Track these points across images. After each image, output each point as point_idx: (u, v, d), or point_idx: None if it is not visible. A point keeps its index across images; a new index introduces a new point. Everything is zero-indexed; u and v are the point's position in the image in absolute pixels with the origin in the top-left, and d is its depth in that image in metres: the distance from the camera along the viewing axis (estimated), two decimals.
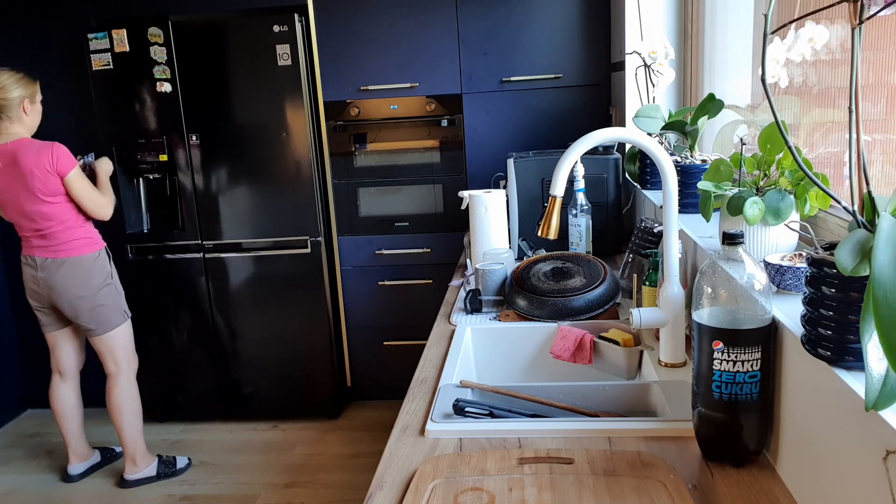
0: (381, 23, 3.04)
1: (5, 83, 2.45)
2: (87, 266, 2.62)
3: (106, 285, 2.68)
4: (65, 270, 2.59)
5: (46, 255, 2.59)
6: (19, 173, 2.48)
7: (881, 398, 0.70)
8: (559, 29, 2.99)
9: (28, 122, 2.54)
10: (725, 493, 0.98)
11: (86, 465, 2.94)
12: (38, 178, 2.48)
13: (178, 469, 2.93)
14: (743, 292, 0.97)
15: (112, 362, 2.75)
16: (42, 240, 2.58)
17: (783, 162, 1.20)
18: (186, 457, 3.02)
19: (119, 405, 2.76)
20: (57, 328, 2.78)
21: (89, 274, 2.63)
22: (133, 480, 2.84)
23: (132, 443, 2.80)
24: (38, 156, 2.47)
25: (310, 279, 3.20)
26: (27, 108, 2.51)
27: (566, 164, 1.38)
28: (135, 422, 2.80)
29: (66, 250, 2.59)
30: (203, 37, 3.01)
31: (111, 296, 2.70)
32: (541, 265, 1.91)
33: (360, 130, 3.17)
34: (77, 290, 2.61)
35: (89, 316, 2.65)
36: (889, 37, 1.17)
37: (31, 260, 2.62)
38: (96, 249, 2.66)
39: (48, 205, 2.53)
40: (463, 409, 1.26)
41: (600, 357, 1.61)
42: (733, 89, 2.13)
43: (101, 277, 2.67)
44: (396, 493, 1.04)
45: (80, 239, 2.61)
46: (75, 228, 2.60)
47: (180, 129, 3.10)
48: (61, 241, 2.58)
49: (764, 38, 0.84)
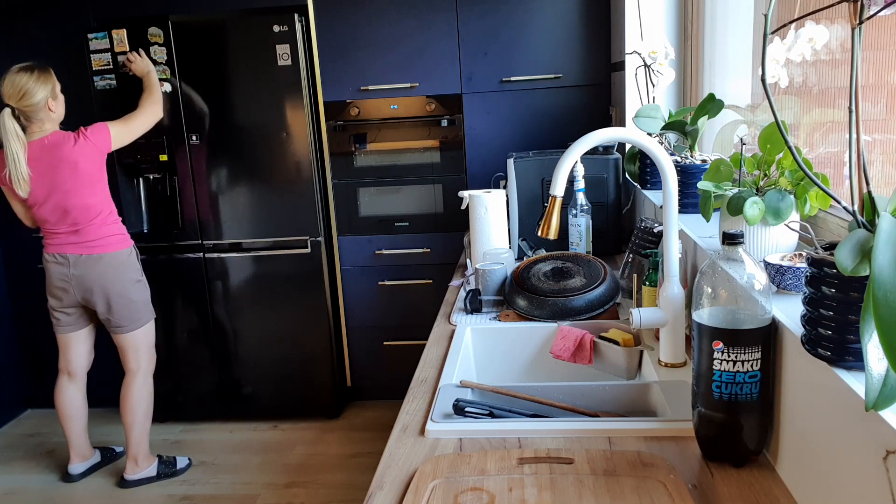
0: (381, 23, 3.04)
1: (27, 88, 2.45)
2: (121, 261, 2.64)
3: (137, 281, 2.71)
4: (102, 266, 2.61)
5: (81, 252, 2.59)
6: (62, 166, 2.50)
7: (881, 398, 0.70)
8: (559, 29, 2.99)
9: (55, 117, 2.56)
10: (725, 493, 0.98)
11: (87, 464, 2.94)
12: (83, 167, 2.51)
13: (178, 469, 2.93)
14: (743, 292, 0.97)
15: (134, 360, 2.75)
16: (75, 236, 2.59)
17: (783, 162, 1.20)
18: (187, 457, 3.02)
19: (133, 404, 2.76)
20: (75, 329, 2.77)
21: (124, 269, 2.65)
22: (133, 480, 2.83)
23: (137, 443, 2.80)
24: (75, 145, 2.51)
25: (310, 279, 3.20)
26: (52, 106, 2.52)
27: (566, 164, 1.39)
28: (144, 422, 2.81)
29: (101, 246, 2.60)
30: (203, 37, 3.01)
31: (142, 292, 2.73)
32: (541, 265, 1.91)
33: (360, 130, 3.17)
34: (113, 285, 2.62)
35: (122, 312, 2.66)
36: (889, 37, 1.17)
37: (62, 258, 2.61)
38: (129, 245, 2.69)
39: (93, 196, 2.56)
40: (463, 409, 1.26)
41: (600, 357, 1.61)
42: (733, 89, 2.13)
43: (135, 273, 2.70)
44: (396, 493, 1.04)
45: (114, 235, 2.63)
46: (108, 224, 2.62)
47: (180, 129, 3.09)
48: (96, 236, 2.59)
49: (764, 38, 0.84)
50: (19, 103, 2.46)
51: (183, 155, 3.12)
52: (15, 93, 2.45)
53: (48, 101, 2.50)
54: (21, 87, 2.45)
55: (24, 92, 2.45)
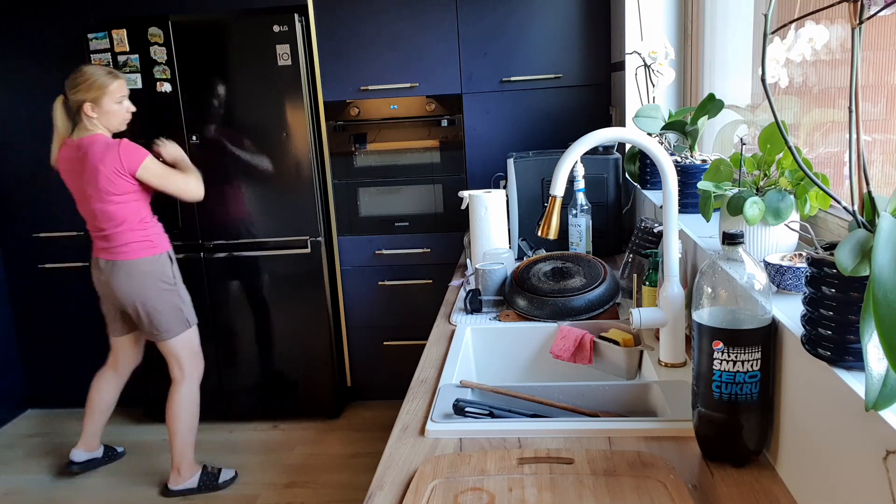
0: (381, 23, 3.04)
1: (75, 84, 2.47)
2: (140, 270, 2.55)
3: (164, 290, 2.60)
4: (124, 273, 2.55)
5: (108, 258, 2.57)
6: (86, 170, 2.47)
7: (881, 398, 0.70)
8: (559, 29, 2.99)
9: (97, 123, 2.50)
10: (725, 493, 0.97)
11: (88, 455, 2.93)
12: (103, 177, 2.45)
13: (219, 483, 2.81)
14: (743, 292, 0.97)
15: (175, 368, 2.70)
16: (104, 241, 2.56)
17: (783, 162, 1.20)
18: (233, 469, 2.90)
19: (177, 413, 2.71)
20: (120, 333, 2.77)
21: (143, 278, 2.56)
22: (175, 490, 2.76)
23: (180, 452, 2.74)
24: (105, 154, 2.45)
25: (310, 279, 3.20)
26: (90, 111, 2.47)
27: (566, 164, 1.38)
28: (188, 433, 2.74)
29: (122, 253, 2.54)
30: (203, 37, 3.01)
31: (169, 302, 2.62)
32: (541, 265, 1.91)
33: (360, 130, 3.17)
34: (132, 293, 2.56)
35: (148, 321, 2.61)
36: (889, 37, 1.17)
37: (96, 262, 2.61)
38: (154, 253, 2.58)
39: (112, 204, 2.49)
40: (463, 409, 1.26)
41: (600, 357, 1.61)
42: (733, 89, 2.12)
43: (159, 282, 2.59)
44: (396, 493, 1.04)
45: (136, 242, 2.55)
46: (133, 231, 2.54)
47: (180, 129, 3.09)
48: (119, 243, 2.54)
49: (764, 38, 0.84)
50: (68, 94, 2.48)
51: None
52: (69, 83, 2.48)
53: (88, 105, 2.47)
54: (72, 80, 2.47)
55: (72, 87, 2.46)
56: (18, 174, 3.34)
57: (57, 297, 3.46)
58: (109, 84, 2.48)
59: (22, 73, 3.25)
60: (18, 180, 3.35)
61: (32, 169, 3.31)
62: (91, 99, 2.46)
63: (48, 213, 3.35)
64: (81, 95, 2.46)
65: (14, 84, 3.27)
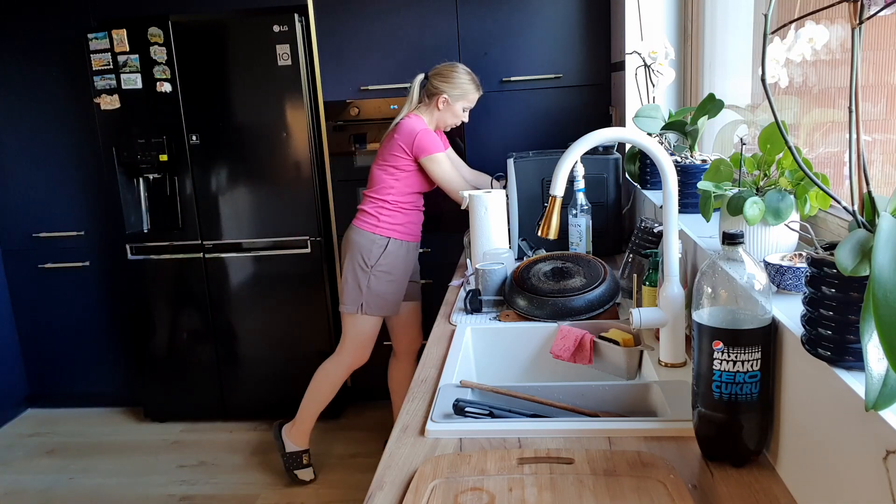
0: (381, 23, 3.03)
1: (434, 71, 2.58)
2: (354, 240, 2.61)
3: (362, 268, 2.60)
4: (346, 237, 2.66)
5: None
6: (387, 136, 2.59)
7: (881, 398, 0.70)
8: (559, 29, 2.99)
9: (426, 111, 2.59)
10: (725, 493, 0.98)
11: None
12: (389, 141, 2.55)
13: (296, 472, 2.81)
14: (743, 292, 0.97)
15: (341, 341, 2.73)
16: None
17: (783, 162, 1.20)
18: (314, 474, 2.85)
19: (315, 379, 2.77)
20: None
21: (353, 248, 2.61)
22: (280, 437, 2.83)
23: (301, 416, 2.79)
24: (403, 130, 2.53)
25: (310, 279, 3.20)
26: (440, 104, 2.56)
27: (566, 164, 1.38)
28: (312, 403, 2.77)
29: (356, 219, 2.65)
30: (203, 37, 3.01)
31: (357, 281, 2.61)
32: (541, 265, 1.91)
33: (360, 130, 3.17)
34: (344, 258, 2.66)
35: (342, 287, 2.67)
36: (889, 37, 1.17)
37: None
38: (378, 233, 2.59)
39: (378, 165, 2.60)
40: (463, 409, 1.26)
41: (600, 357, 1.61)
42: (733, 89, 2.12)
43: (364, 259, 2.60)
44: (396, 493, 1.04)
45: (369, 214, 2.61)
46: (373, 201, 2.61)
47: (180, 129, 3.09)
48: (360, 209, 2.64)
49: (764, 38, 0.84)
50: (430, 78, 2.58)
51: (183, 155, 3.12)
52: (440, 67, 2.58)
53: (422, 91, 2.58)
54: (445, 68, 2.57)
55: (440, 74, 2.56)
56: (18, 174, 3.34)
57: (57, 297, 3.46)
58: (471, 93, 2.60)
59: (22, 73, 3.25)
60: (18, 180, 3.35)
61: (32, 169, 3.31)
62: (451, 96, 2.56)
63: (48, 213, 3.35)
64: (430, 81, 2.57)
65: (14, 84, 3.27)
